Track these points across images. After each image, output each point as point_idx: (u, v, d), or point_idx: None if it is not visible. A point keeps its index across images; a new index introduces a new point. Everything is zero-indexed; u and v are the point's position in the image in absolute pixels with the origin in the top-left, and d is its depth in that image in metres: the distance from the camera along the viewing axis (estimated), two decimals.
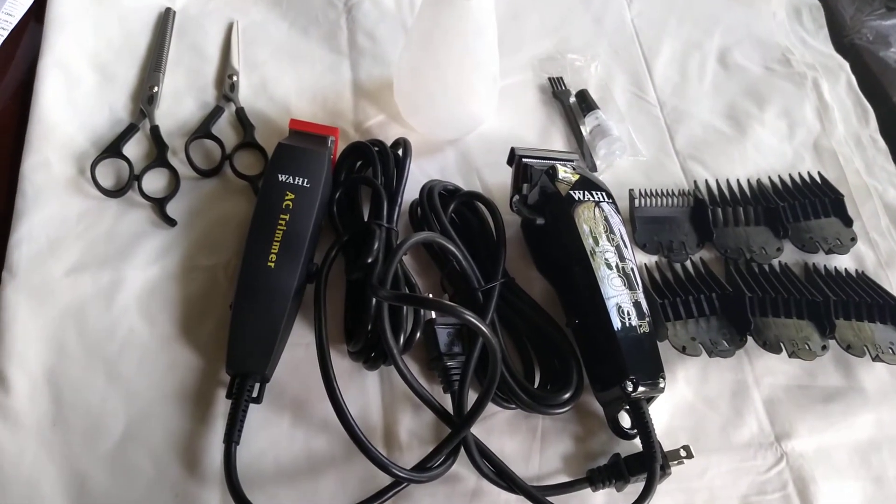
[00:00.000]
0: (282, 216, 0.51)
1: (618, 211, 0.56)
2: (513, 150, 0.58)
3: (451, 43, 0.55)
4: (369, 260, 0.51)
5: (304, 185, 0.52)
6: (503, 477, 0.48)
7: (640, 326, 0.50)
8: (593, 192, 0.55)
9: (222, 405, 0.49)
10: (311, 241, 0.52)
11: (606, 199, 0.55)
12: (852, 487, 0.52)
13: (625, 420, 0.51)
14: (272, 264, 0.50)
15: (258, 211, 0.52)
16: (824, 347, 0.55)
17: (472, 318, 0.42)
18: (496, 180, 0.62)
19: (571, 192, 0.54)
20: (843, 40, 0.79)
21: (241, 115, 0.62)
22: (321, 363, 0.47)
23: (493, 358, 0.44)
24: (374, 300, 0.49)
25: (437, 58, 0.57)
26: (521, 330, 0.54)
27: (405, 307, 0.51)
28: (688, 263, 0.60)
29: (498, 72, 0.61)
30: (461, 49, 0.56)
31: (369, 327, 0.49)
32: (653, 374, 0.49)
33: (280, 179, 0.52)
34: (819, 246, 0.61)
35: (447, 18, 0.53)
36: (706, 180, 0.65)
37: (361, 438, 0.44)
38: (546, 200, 0.55)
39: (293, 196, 0.52)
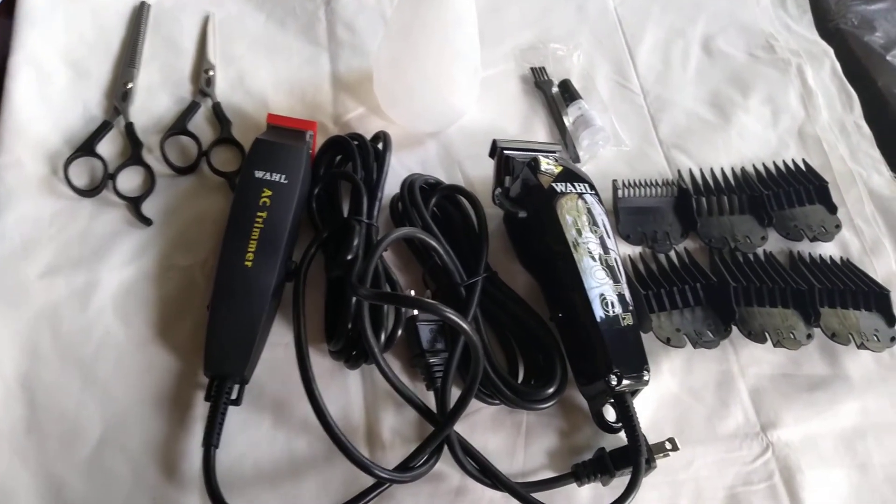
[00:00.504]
0: (259, 214, 0.50)
1: (601, 202, 0.55)
2: (494, 143, 0.57)
3: (431, 34, 0.54)
4: (349, 257, 0.50)
5: (282, 181, 0.52)
6: (487, 474, 0.47)
7: (624, 319, 0.50)
8: (575, 184, 0.54)
9: (201, 408, 0.48)
10: (289, 239, 0.51)
11: (589, 191, 0.55)
12: (838, 475, 0.52)
13: (610, 414, 0.51)
14: (249, 263, 0.49)
15: (234, 209, 0.51)
16: (809, 336, 0.55)
17: (453, 316, 0.41)
18: (479, 173, 0.61)
19: (553, 184, 0.54)
20: (828, 25, 0.79)
21: (217, 110, 0.61)
22: (300, 364, 0.46)
23: (476, 355, 0.43)
24: (353, 298, 0.48)
25: (416, 49, 0.56)
26: (504, 325, 0.54)
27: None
28: (672, 254, 0.59)
29: (479, 62, 0.60)
30: (441, 40, 0.55)
31: (349, 326, 0.48)
32: (637, 367, 0.49)
33: (257, 176, 0.51)
34: (804, 234, 0.61)
35: (426, 9, 0.52)
36: (690, 169, 0.64)
37: (342, 439, 0.44)
38: (528, 193, 0.55)
39: (270, 193, 0.51)
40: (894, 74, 0.75)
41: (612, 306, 0.50)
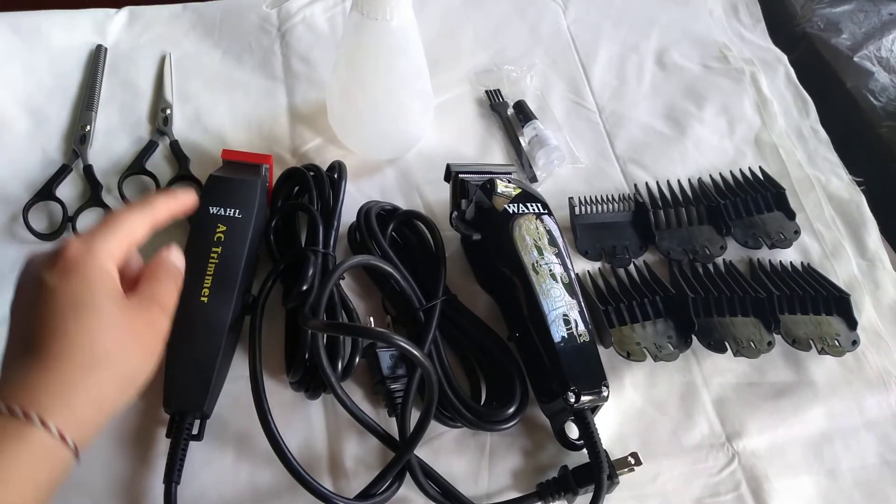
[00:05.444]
0: (213, 249, 0.51)
1: (556, 221, 0.55)
2: (448, 167, 0.58)
3: (375, 63, 0.55)
4: (304, 287, 0.51)
5: (236, 216, 0.52)
6: (449, 497, 0.47)
7: (581, 336, 0.50)
8: (529, 205, 0.55)
9: (163, 444, 0.48)
10: (244, 273, 0.51)
11: (544, 211, 0.55)
12: (806, 483, 0.52)
13: (572, 431, 0.51)
14: (205, 299, 0.49)
15: (189, 246, 0.51)
16: (770, 344, 0.55)
17: (404, 345, 0.41)
18: (438, 197, 0.62)
19: (508, 206, 0.54)
20: (794, 29, 0.79)
21: (175, 148, 0.61)
22: (255, 398, 0.47)
23: (429, 382, 0.44)
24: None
25: (363, 79, 0.57)
26: (465, 347, 0.54)
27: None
28: (631, 268, 0.60)
29: (430, 88, 0.61)
30: (385, 68, 0.56)
31: (306, 356, 0.48)
32: (595, 383, 0.49)
33: (211, 212, 0.52)
34: (762, 241, 0.61)
35: (368, 40, 0.53)
36: (647, 183, 0.65)
37: (300, 472, 0.44)
38: (482, 216, 0.55)
39: (225, 228, 0.51)
40: (862, 75, 0.76)
41: (568, 324, 0.50)
